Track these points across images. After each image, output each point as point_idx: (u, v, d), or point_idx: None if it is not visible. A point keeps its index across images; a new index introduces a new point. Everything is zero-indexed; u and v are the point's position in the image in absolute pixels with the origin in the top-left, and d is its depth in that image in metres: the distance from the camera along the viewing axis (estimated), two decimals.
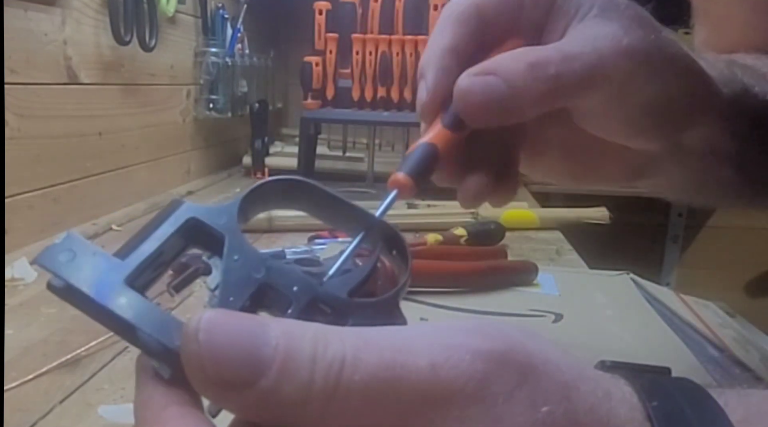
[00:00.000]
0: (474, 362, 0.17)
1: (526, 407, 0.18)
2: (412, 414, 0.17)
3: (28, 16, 0.75)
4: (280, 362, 0.17)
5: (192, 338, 0.17)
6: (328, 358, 0.17)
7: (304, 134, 1.19)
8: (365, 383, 0.17)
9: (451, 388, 0.17)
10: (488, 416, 0.17)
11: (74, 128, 0.85)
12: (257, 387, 0.17)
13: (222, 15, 1.31)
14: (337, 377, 0.17)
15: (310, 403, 0.17)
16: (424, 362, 0.17)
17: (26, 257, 0.71)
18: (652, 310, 0.61)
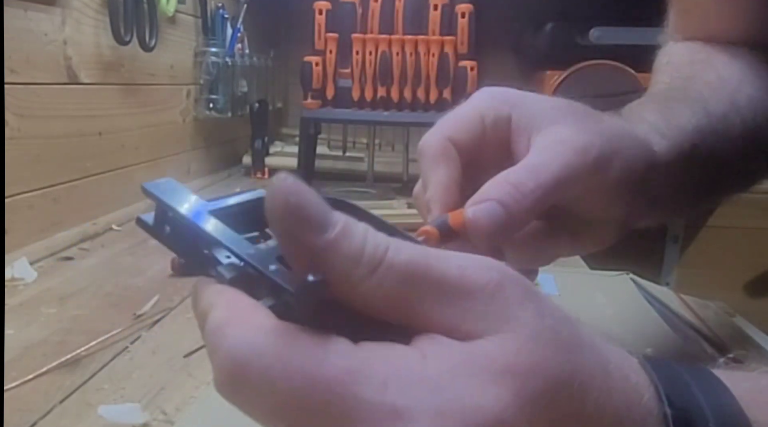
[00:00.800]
0: (491, 271, 0.21)
1: (534, 316, 0.21)
2: (444, 301, 0.20)
3: (28, 16, 0.75)
4: (341, 227, 0.20)
5: (282, 182, 0.19)
6: (377, 240, 0.20)
7: (304, 134, 1.19)
8: (404, 264, 0.20)
9: (474, 285, 0.20)
10: (505, 314, 0.20)
11: (74, 128, 0.85)
12: (322, 237, 0.19)
13: (222, 15, 1.31)
14: (383, 254, 0.20)
15: (358, 266, 0.20)
16: (453, 264, 0.21)
17: (26, 256, 0.71)
18: (652, 310, 0.61)
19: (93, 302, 0.63)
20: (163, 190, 0.24)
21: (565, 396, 0.20)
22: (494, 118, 0.36)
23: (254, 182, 1.34)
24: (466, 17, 1.13)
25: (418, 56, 1.12)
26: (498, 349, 0.20)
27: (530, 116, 0.36)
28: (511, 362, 0.20)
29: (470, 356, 0.20)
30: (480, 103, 0.37)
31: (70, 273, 0.72)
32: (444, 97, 1.14)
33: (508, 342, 0.20)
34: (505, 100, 0.36)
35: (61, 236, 0.81)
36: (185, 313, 0.60)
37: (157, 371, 0.49)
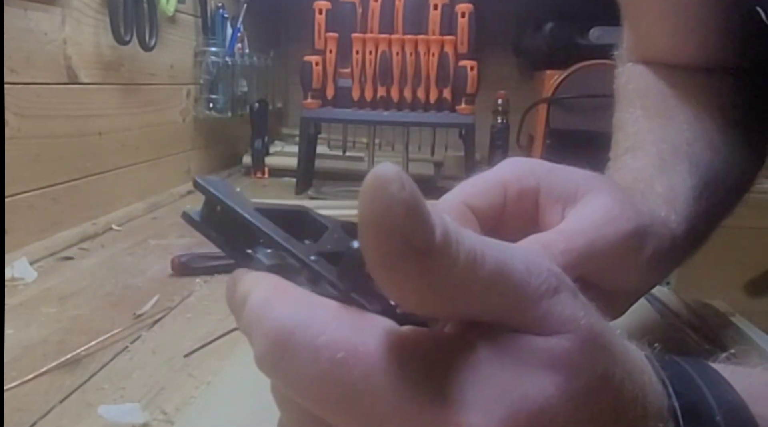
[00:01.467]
0: (550, 273, 0.21)
1: (585, 313, 0.21)
2: (522, 301, 0.20)
3: (28, 16, 0.75)
4: (441, 235, 0.18)
5: (397, 183, 0.17)
6: (467, 245, 0.19)
7: (304, 134, 1.19)
8: (489, 274, 0.19)
9: (541, 284, 0.21)
10: (562, 317, 0.21)
11: (74, 128, 0.85)
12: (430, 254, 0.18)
13: (222, 15, 1.31)
14: (473, 263, 0.19)
15: (449, 282, 0.19)
16: (523, 267, 0.20)
17: (26, 256, 0.71)
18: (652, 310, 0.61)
19: (93, 302, 0.63)
20: (215, 186, 0.25)
21: (605, 392, 0.21)
22: (519, 190, 0.35)
23: (254, 182, 1.34)
24: (466, 17, 1.13)
25: (418, 56, 1.12)
26: (551, 345, 0.20)
27: (563, 188, 0.35)
28: (564, 358, 0.20)
29: (521, 348, 0.20)
30: (504, 173, 0.35)
31: (70, 273, 0.72)
32: (444, 97, 1.14)
33: (567, 340, 0.20)
34: (531, 172, 0.35)
35: (61, 235, 0.81)
36: (185, 313, 0.60)
37: (157, 371, 0.49)
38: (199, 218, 0.25)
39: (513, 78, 1.75)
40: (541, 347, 0.20)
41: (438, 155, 1.27)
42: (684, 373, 0.24)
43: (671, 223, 0.39)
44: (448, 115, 1.14)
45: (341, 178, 1.32)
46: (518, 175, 0.35)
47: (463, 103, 1.13)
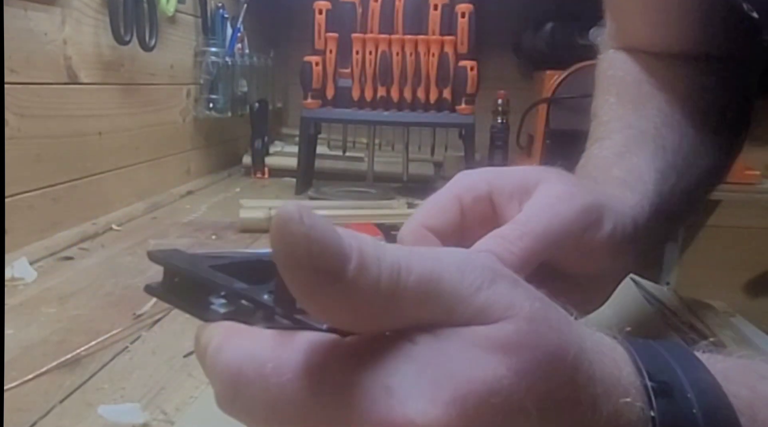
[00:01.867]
0: (484, 268, 0.22)
1: (526, 299, 0.22)
2: (456, 299, 0.21)
3: (28, 16, 0.75)
4: (357, 258, 0.19)
5: (297, 220, 0.18)
6: (389, 261, 0.19)
7: (304, 134, 1.19)
8: (417, 283, 0.20)
9: (475, 279, 0.21)
10: (501, 303, 0.21)
11: (74, 128, 0.85)
12: (343, 279, 0.18)
13: (222, 15, 1.31)
14: (398, 277, 0.19)
15: (376, 298, 0.19)
16: (453, 267, 0.21)
17: (26, 256, 0.71)
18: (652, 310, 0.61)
19: (93, 302, 0.63)
20: (168, 257, 0.27)
21: (560, 368, 0.21)
22: (473, 198, 0.36)
23: (254, 182, 1.34)
24: (466, 17, 1.13)
25: (418, 56, 1.12)
26: (494, 330, 0.20)
27: (515, 185, 0.36)
28: (510, 340, 0.20)
29: (463, 336, 0.20)
30: (456, 187, 0.36)
31: (70, 273, 0.72)
32: (444, 97, 1.14)
33: (510, 324, 0.21)
34: (481, 179, 0.36)
35: (61, 235, 0.81)
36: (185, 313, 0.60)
37: (157, 371, 0.49)
38: (161, 288, 0.27)
39: (513, 78, 1.75)
40: (486, 333, 0.20)
41: (438, 155, 1.27)
42: (657, 354, 0.24)
43: (629, 201, 0.39)
44: (448, 115, 1.14)
45: (341, 178, 1.32)
46: (469, 185, 0.36)
47: (463, 103, 1.13)
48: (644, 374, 0.23)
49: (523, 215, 0.34)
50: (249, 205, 0.95)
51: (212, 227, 0.93)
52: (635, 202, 0.39)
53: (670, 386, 0.23)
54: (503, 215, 0.36)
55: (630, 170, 0.42)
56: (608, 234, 0.36)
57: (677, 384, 0.23)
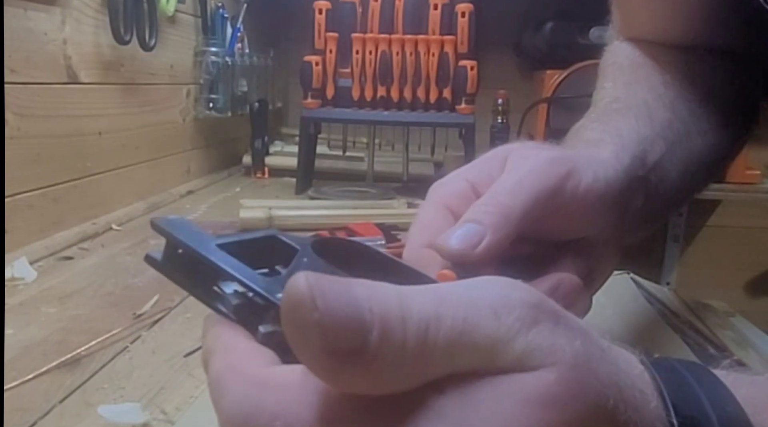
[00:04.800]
0: (524, 307, 0.20)
1: (567, 339, 0.20)
2: (492, 348, 0.19)
3: (28, 16, 0.75)
4: (378, 327, 0.17)
5: (309, 306, 0.17)
6: (415, 318, 0.18)
7: (304, 134, 1.19)
8: (448, 338, 0.18)
9: (514, 322, 0.19)
10: (542, 348, 0.19)
11: (74, 128, 0.85)
12: (365, 354, 0.17)
13: (222, 14, 1.31)
14: (425, 335, 0.18)
15: (404, 364, 0.18)
16: (489, 311, 0.19)
17: (26, 256, 0.71)
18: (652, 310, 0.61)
19: (93, 302, 0.63)
20: (173, 227, 0.24)
21: (601, 416, 0.20)
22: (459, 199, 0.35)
23: (254, 182, 1.34)
24: (466, 17, 1.13)
25: (418, 56, 1.12)
26: (534, 380, 0.19)
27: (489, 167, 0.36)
28: (551, 392, 0.19)
29: (499, 388, 0.19)
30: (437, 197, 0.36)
31: (70, 273, 0.72)
32: (444, 97, 1.13)
33: (551, 373, 0.19)
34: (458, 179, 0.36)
35: (61, 235, 0.81)
36: (185, 313, 0.60)
37: (157, 371, 0.49)
38: (162, 259, 0.25)
39: (513, 78, 1.75)
40: (524, 384, 0.19)
41: (438, 155, 1.27)
42: (683, 382, 0.23)
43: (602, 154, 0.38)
44: (448, 115, 1.14)
45: (341, 178, 1.32)
46: (450, 190, 0.35)
47: (463, 103, 1.13)
48: (670, 409, 0.22)
49: (497, 182, 0.33)
50: (249, 205, 0.95)
51: (212, 226, 0.93)
52: (609, 154, 0.38)
53: (696, 422, 0.22)
54: None
55: (606, 130, 0.41)
56: (586, 185, 0.34)
57: (703, 419, 0.22)
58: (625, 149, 0.39)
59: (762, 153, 1.65)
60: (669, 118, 0.44)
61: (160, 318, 0.59)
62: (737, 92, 0.50)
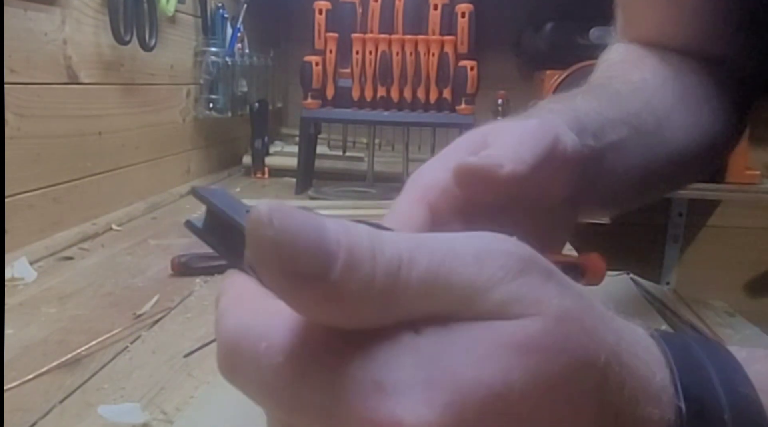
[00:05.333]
0: (510, 257, 0.19)
1: (558, 296, 0.19)
2: (470, 294, 0.19)
3: (28, 16, 0.75)
4: (345, 258, 0.17)
5: (266, 224, 0.17)
6: (387, 256, 0.18)
7: (304, 134, 1.19)
8: (421, 279, 0.18)
9: (496, 271, 0.19)
10: (528, 298, 0.19)
11: (74, 128, 0.85)
12: (325, 281, 0.17)
13: (222, 14, 1.31)
14: (396, 273, 0.18)
15: (371, 299, 0.18)
16: (470, 258, 0.19)
17: (26, 256, 0.71)
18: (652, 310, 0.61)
19: (93, 302, 0.63)
20: (213, 195, 0.25)
21: (587, 374, 0.19)
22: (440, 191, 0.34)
23: (254, 182, 1.34)
24: (466, 17, 1.13)
25: (418, 56, 1.12)
26: (515, 327, 0.18)
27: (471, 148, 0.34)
28: (532, 340, 0.18)
29: (476, 330, 0.18)
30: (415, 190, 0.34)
31: (70, 273, 0.72)
32: (444, 97, 1.14)
33: (535, 323, 0.19)
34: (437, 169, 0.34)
35: (61, 235, 0.81)
36: (185, 313, 0.60)
37: (157, 371, 0.49)
38: (202, 226, 0.26)
39: (513, 78, 1.75)
40: (504, 329, 0.18)
41: None
42: (694, 359, 0.22)
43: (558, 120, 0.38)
44: (448, 115, 1.14)
45: (341, 178, 1.32)
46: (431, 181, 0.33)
47: (463, 103, 1.13)
48: (679, 389, 0.21)
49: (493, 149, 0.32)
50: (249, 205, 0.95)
51: None
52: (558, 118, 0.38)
53: (703, 406, 0.21)
54: None
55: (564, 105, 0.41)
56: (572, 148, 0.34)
57: (712, 403, 0.21)
58: (577, 121, 0.39)
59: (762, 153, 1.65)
60: (638, 108, 0.44)
61: (160, 318, 0.59)
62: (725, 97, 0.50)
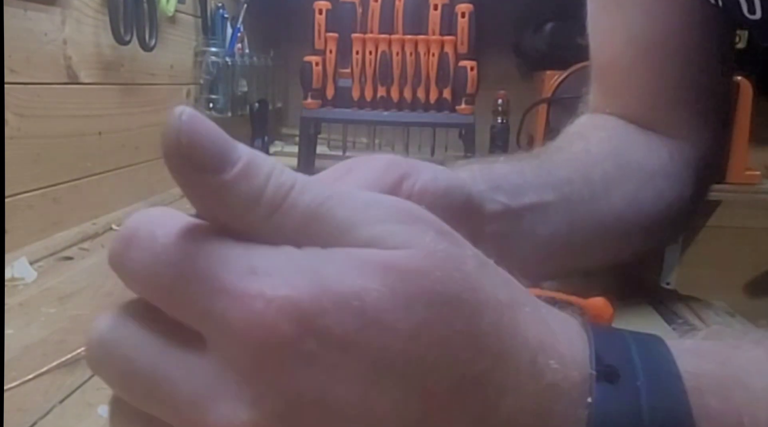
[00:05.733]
0: (399, 208, 0.21)
1: (438, 240, 0.20)
2: (343, 232, 0.20)
3: (28, 16, 0.75)
4: (242, 166, 0.19)
5: (176, 118, 0.20)
6: (281, 179, 0.20)
7: (304, 134, 1.19)
8: (307, 203, 0.20)
9: (381, 217, 0.20)
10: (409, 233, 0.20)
11: (74, 128, 0.85)
12: (218, 177, 0.19)
13: (222, 14, 1.31)
14: (286, 193, 0.20)
15: (257, 207, 0.19)
16: (360, 201, 0.21)
17: (26, 256, 0.71)
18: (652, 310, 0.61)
19: (93, 302, 0.63)
20: None
21: (455, 316, 0.20)
22: None
23: None
24: (466, 17, 1.13)
25: (418, 56, 1.12)
26: (384, 253, 0.20)
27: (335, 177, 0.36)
28: (397, 262, 0.19)
29: (350, 251, 0.20)
30: None
31: (70, 273, 0.72)
32: (444, 97, 1.14)
33: (405, 252, 0.20)
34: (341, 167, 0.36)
35: (61, 235, 0.81)
36: None
37: None
38: None
39: (513, 78, 1.75)
40: (375, 253, 0.20)
41: (438, 155, 1.27)
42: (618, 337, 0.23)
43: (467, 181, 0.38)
44: (448, 115, 1.14)
45: None
46: None
47: (463, 103, 1.13)
48: (591, 352, 0.22)
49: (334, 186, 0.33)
50: None
51: None
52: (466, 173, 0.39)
53: (616, 371, 0.21)
54: None
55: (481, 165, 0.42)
56: (423, 183, 0.35)
57: (627, 370, 0.21)
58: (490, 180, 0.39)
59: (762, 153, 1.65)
60: (571, 176, 0.44)
61: None
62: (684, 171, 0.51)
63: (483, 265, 0.21)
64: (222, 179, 0.19)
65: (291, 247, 0.20)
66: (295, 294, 0.18)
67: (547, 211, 0.41)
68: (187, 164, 0.19)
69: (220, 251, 0.19)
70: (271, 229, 0.20)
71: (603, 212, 0.45)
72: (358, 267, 0.19)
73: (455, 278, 0.20)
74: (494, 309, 0.20)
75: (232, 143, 0.20)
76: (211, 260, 0.19)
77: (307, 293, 0.18)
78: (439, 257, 0.20)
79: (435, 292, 0.19)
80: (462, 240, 0.22)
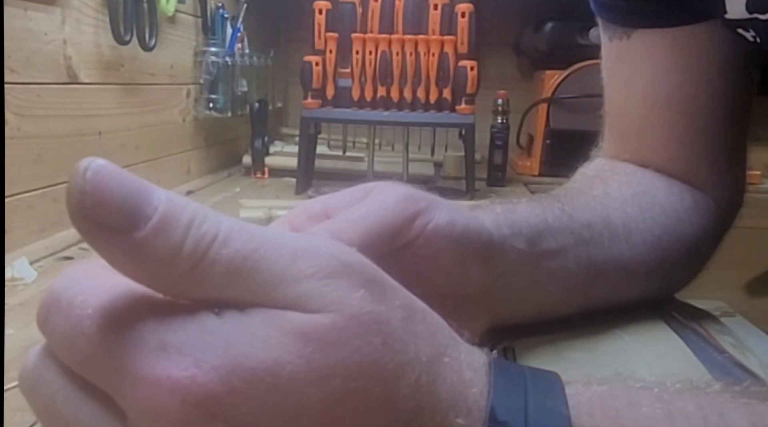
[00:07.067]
0: (329, 259, 0.20)
1: (362, 301, 0.20)
2: (267, 290, 0.19)
3: (28, 16, 0.75)
4: (157, 222, 0.18)
5: (79, 174, 0.18)
6: (202, 230, 0.19)
7: (304, 134, 1.19)
8: (230, 258, 0.19)
9: (303, 274, 0.20)
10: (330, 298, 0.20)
11: (74, 128, 0.85)
12: (129, 237, 0.18)
13: (222, 14, 1.31)
14: (206, 247, 0.19)
15: (175, 265, 0.19)
16: (288, 251, 0.20)
17: (26, 256, 0.71)
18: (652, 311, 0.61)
19: None
20: None
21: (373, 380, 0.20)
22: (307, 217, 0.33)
23: (254, 182, 1.34)
24: (466, 17, 1.13)
25: (418, 56, 1.12)
26: (304, 318, 0.19)
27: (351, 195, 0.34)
28: (316, 331, 0.19)
29: (269, 317, 0.19)
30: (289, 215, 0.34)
31: None
32: (444, 97, 1.14)
33: (326, 317, 0.19)
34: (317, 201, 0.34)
35: (61, 235, 0.81)
36: None
37: None
38: None
39: (513, 78, 1.75)
40: (293, 319, 0.19)
41: (438, 155, 1.27)
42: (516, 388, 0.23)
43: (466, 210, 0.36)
44: (448, 115, 1.14)
45: (341, 178, 1.32)
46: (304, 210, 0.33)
47: (463, 103, 1.13)
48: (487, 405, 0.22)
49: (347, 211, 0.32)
50: (249, 205, 0.95)
51: None
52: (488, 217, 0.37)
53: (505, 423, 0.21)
54: None
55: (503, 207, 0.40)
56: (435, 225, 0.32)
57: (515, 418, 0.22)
58: (513, 224, 0.38)
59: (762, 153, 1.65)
60: (590, 222, 0.43)
61: None
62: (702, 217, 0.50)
63: (409, 317, 0.21)
64: (135, 238, 0.18)
65: (207, 313, 0.19)
66: (201, 374, 0.18)
67: (566, 256, 0.40)
68: (94, 227, 0.18)
69: (133, 324, 0.19)
70: (191, 285, 0.19)
71: (624, 257, 0.44)
72: (275, 337, 0.19)
73: (375, 344, 0.20)
74: (414, 369, 0.21)
75: (146, 193, 0.19)
76: (122, 336, 0.19)
77: (215, 372, 0.18)
78: (362, 322, 0.20)
79: (354, 361, 0.19)
80: (392, 290, 0.21)
